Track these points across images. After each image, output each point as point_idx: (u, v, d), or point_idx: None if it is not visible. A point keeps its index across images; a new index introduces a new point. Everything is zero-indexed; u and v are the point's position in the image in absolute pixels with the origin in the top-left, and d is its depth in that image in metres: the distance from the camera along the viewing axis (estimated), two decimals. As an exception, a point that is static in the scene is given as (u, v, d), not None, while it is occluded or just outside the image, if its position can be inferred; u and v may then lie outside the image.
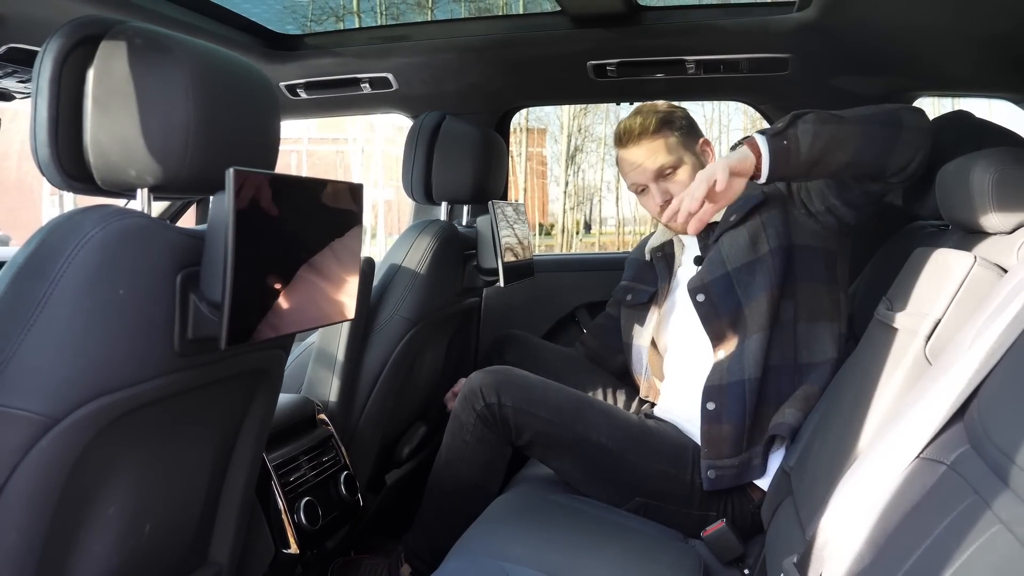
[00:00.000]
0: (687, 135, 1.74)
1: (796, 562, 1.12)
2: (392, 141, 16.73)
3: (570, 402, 1.63)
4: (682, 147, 1.73)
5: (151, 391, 0.91)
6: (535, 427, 1.59)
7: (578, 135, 16.68)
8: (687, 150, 1.74)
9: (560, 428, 1.58)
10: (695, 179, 1.31)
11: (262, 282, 0.92)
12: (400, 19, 2.40)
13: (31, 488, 0.82)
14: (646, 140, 1.71)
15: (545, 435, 1.59)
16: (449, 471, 1.64)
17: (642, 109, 1.75)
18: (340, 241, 1.06)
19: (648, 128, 1.70)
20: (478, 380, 1.62)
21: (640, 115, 1.73)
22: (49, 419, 0.81)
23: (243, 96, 0.98)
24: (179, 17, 1.69)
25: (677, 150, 1.72)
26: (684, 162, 1.72)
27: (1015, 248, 1.10)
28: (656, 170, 1.71)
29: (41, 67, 0.88)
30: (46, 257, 0.82)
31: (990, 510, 0.76)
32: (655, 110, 1.74)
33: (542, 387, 1.64)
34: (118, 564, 0.99)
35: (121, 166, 0.89)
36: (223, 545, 1.24)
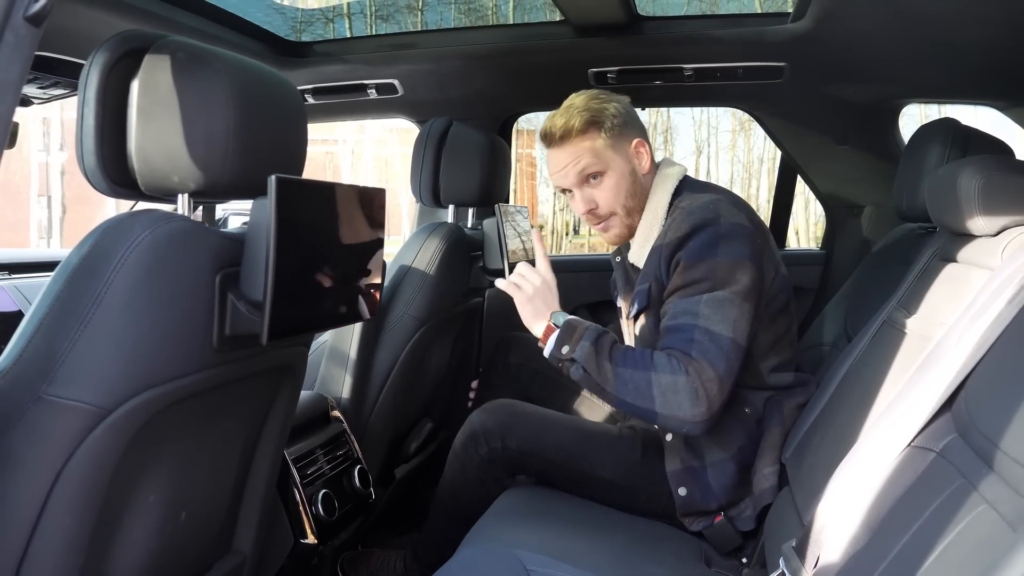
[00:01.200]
0: (619, 136, 1.57)
1: (795, 546, 1.18)
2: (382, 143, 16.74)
3: (573, 438, 1.60)
4: (611, 150, 1.56)
5: (192, 385, 0.97)
6: (539, 466, 1.60)
7: (568, 136, 16.70)
8: (616, 153, 1.57)
9: (564, 467, 1.58)
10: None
11: (298, 282, 0.98)
12: (389, 19, 2.45)
13: (84, 475, 0.87)
14: (570, 142, 1.56)
15: (549, 473, 1.61)
16: (452, 500, 1.65)
17: (572, 104, 1.58)
18: (366, 243, 1.12)
19: (572, 129, 1.55)
20: (481, 423, 1.60)
21: (566, 113, 1.56)
22: (102, 410, 0.87)
23: (276, 105, 1.04)
24: (196, 26, 1.74)
25: (604, 155, 1.56)
26: (611, 168, 1.57)
27: (999, 249, 1.17)
28: (579, 175, 1.58)
29: (88, 79, 0.94)
30: (99, 258, 0.87)
31: (976, 492, 0.82)
32: (583, 107, 1.56)
33: (545, 425, 1.61)
34: (156, 549, 1.05)
35: (165, 172, 0.95)
36: (247, 535, 1.29)
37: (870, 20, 1.57)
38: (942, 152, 1.56)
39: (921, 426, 1.04)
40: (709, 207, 1.47)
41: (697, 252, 1.44)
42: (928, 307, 1.29)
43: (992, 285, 1.09)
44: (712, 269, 1.42)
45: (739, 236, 1.45)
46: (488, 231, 2.01)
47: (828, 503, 1.13)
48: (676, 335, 1.41)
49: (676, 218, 1.51)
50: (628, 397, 1.39)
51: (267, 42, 2.05)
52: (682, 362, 1.37)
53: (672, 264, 1.48)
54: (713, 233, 1.45)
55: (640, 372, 1.38)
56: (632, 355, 1.42)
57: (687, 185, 1.62)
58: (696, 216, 1.47)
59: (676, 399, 1.35)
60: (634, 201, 1.61)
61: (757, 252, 1.46)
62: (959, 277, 1.26)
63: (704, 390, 1.35)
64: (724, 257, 1.43)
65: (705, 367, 1.36)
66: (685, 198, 1.56)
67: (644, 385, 1.37)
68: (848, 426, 1.26)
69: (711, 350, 1.37)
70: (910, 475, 1.00)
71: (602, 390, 1.41)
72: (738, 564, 1.51)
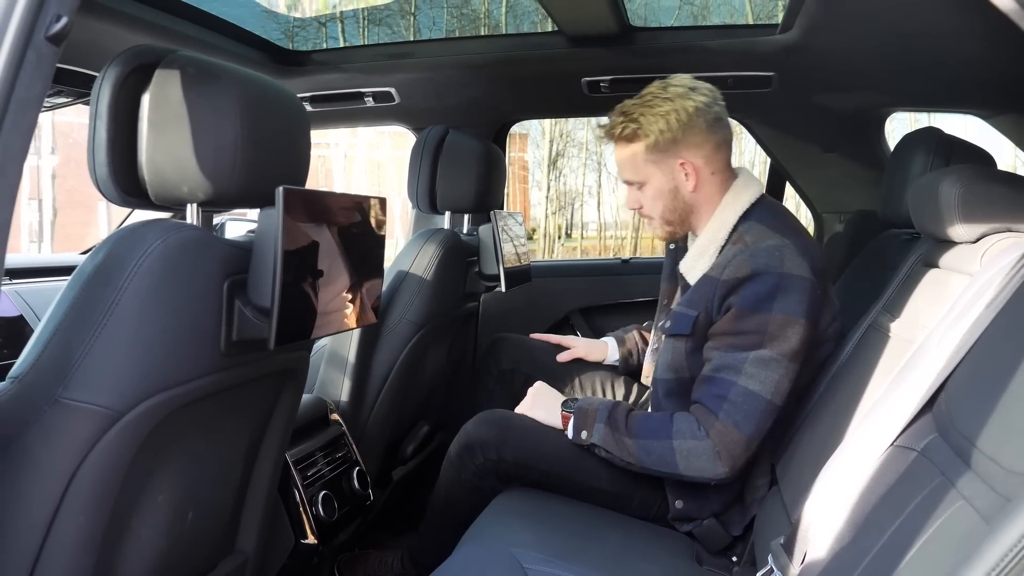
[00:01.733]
0: (662, 152, 1.54)
1: (783, 543, 1.22)
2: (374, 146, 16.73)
3: (568, 451, 1.59)
4: (651, 165, 1.55)
5: (200, 388, 1.00)
6: (534, 478, 1.62)
7: (560, 140, 16.74)
8: (658, 168, 1.55)
9: (560, 478, 1.60)
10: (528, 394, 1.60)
11: (304, 289, 1.01)
12: (382, 23, 2.48)
13: (98, 476, 0.91)
14: (617, 145, 1.59)
15: (545, 484, 1.62)
16: (447, 506, 1.67)
17: (624, 108, 1.57)
18: (369, 251, 1.15)
19: (617, 134, 1.57)
20: (476, 434, 1.61)
21: (619, 116, 1.57)
22: (115, 413, 0.90)
23: (281, 117, 1.07)
24: (198, 36, 1.77)
25: (642, 169, 1.56)
26: (648, 182, 1.57)
27: (979, 256, 1.21)
28: (624, 177, 1.62)
29: (100, 92, 0.97)
30: (114, 266, 0.90)
31: (954, 488, 0.86)
32: (635, 115, 1.54)
33: (541, 437, 1.61)
34: (164, 548, 1.08)
35: (175, 183, 0.98)
36: (249, 535, 1.32)
37: (855, 32, 1.62)
38: (926, 161, 1.60)
39: (903, 426, 1.08)
40: (774, 253, 1.43)
41: (752, 302, 1.42)
42: (911, 311, 1.33)
43: (971, 290, 1.13)
44: (764, 323, 1.41)
45: (798, 290, 1.42)
46: (484, 237, 2.05)
47: (814, 501, 1.16)
48: (711, 389, 1.44)
49: (737, 255, 1.46)
50: (652, 465, 1.46)
51: (266, 51, 2.08)
52: (704, 425, 1.42)
53: (724, 305, 1.46)
54: (772, 284, 1.42)
55: (660, 441, 1.45)
56: (650, 424, 1.48)
57: (759, 210, 1.55)
58: (758, 261, 1.43)
59: (698, 463, 1.42)
60: (674, 215, 1.59)
61: (814, 307, 1.44)
62: (941, 282, 1.30)
63: (727, 452, 1.41)
64: (778, 312, 1.41)
65: (730, 430, 1.40)
66: (752, 230, 1.50)
67: (666, 453, 1.44)
68: (834, 426, 1.30)
69: (742, 412, 1.40)
70: (893, 473, 1.04)
71: (628, 463, 1.48)
72: (728, 562, 1.54)
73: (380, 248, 1.19)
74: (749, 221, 1.52)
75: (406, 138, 2.13)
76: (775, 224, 1.50)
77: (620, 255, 13.18)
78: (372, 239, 1.17)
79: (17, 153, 0.74)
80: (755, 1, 4.30)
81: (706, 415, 1.43)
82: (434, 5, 2.45)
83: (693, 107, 1.52)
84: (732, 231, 1.53)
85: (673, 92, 1.54)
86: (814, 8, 1.54)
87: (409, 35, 2.70)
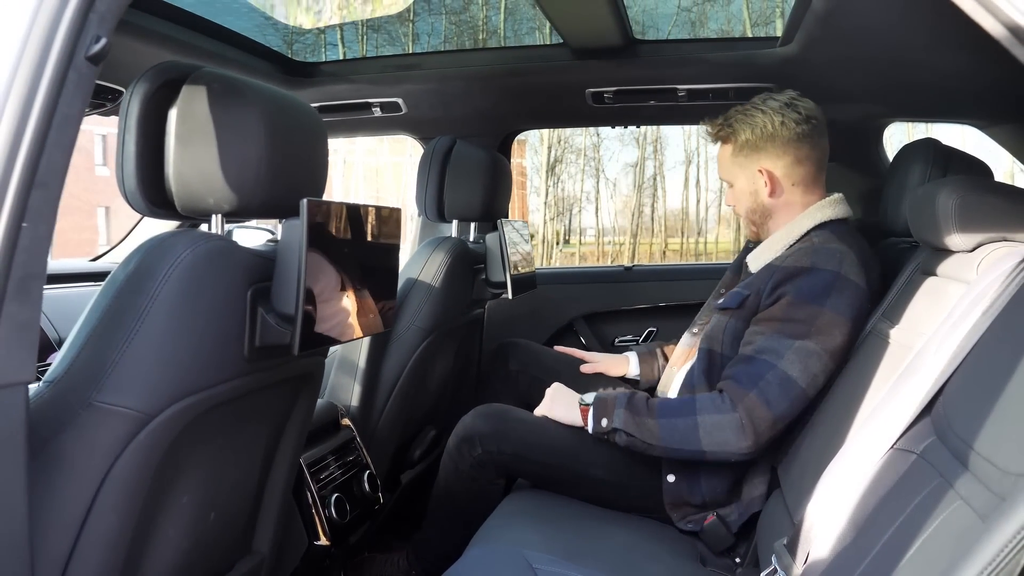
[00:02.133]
0: (746, 156, 1.68)
1: (786, 544, 1.25)
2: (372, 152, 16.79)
3: (564, 441, 1.65)
4: (736, 167, 1.70)
5: (225, 392, 1.04)
6: (533, 470, 1.67)
7: (558, 146, 16.82)
8: (742, 171, 1.69)
9: (558, 469, 1.66)
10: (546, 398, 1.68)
11: (326, 296, 1.05)
12: (380, 30, 2.51)
13: (128, 476, 0.94)
14: (721, 146, 1.73)
15: (544, 476, 1.68)
16: (447, 498, 1.72)
17: (728, 112, 1.71)
18: (384, 260, 1.19)
19: (714, 134, 1.72)
20: (474, 427, 1.67)
21: (722, 119, 1.71)
22: (146, 416, 0.93)
23: (302, 131, 1.11)
24: (212, 49, 1.81)
25: (730, 169, 1.71)
26: (735, 182, 1.72)
27: (975, 264, 1.24)
28: (719, 174, 1.76)
29: (129, 107, 1.01)
30: (145, 275, 0.94)
31: (952, 489, 0.89)
32: (731, 120, 1.69)
33: (538, 429, 1.67)
34: (187, 548, 1.11)
35: (201, 195, 1.02)
36: (265, 536, 1.36)
37: (853, 45, 1.66)
38: (924, 171, 1.64)
39: (903, 430, 1.12)
40: (836, 255, 1.52)
41: (807, 294, 1.49)
42: (910, 318, 1.37)
43: (968, 298, 1.17)
44: (815, 316, 1.47)
45: (851, 293, 1.49)
46: (491, 245, 2.08)
47: (817, 503, 1.20)
48: (748, 368, 1.49)
49: (802, 248, 1.57)
50: (675, 443, 1.49)
51: (277, 63, 2.13)
52: (733, 398, 1.46)
53: (777, 291, 1.53)
54: (829, 280, 1.49)
55: (684, 418, 1.49)
56: (672, 404, 1.53)
57: (836, 224, 1.63)
58: (820, 256, 1.52)
59: (722, 436, 1.46)
60: (755, 216, 1.71)
61: (861, 314, 1.50)
62: (938, 290, 1.34)
63: (752, 426, 1.45)
64: (830, 309, 1.48)
65: (760, 405, 1.45)
66: (822, 234, 1.59)
67: (689, 429, 1.48)
68: (836, 430, 1.34)
69: (777, 392, 1.45)
70: (893, 475, 1.07)
71: (650, 445, 1.51)
72: (732, 563, 1.57)
73: (395, 256, 1.23)
74: (823, 229, 1.61)
75: (404, 144, 2.18)
76: (844, 236, 1.58)
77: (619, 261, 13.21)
78: (388, 248, 1.21)
79: (59, 167, 0.78)
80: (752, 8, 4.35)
81: (736, 389, 1.47)
82: (432, 12, 2.49)
83: (779, 121, 1.63)
84: (805, 233, 1.62)
85: (769, 106, 1.65)
86: (813, 24, 1.58)
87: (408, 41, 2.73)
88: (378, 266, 1.19)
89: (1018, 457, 0.82)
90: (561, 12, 1.78)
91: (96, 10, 0.78)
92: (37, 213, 0.75)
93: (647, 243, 16.69)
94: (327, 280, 1.05)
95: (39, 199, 0.75)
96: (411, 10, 2.47)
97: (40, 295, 0.78)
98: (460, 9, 2.62)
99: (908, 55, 1.65)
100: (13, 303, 0.74)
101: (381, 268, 1.20)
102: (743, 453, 1.46)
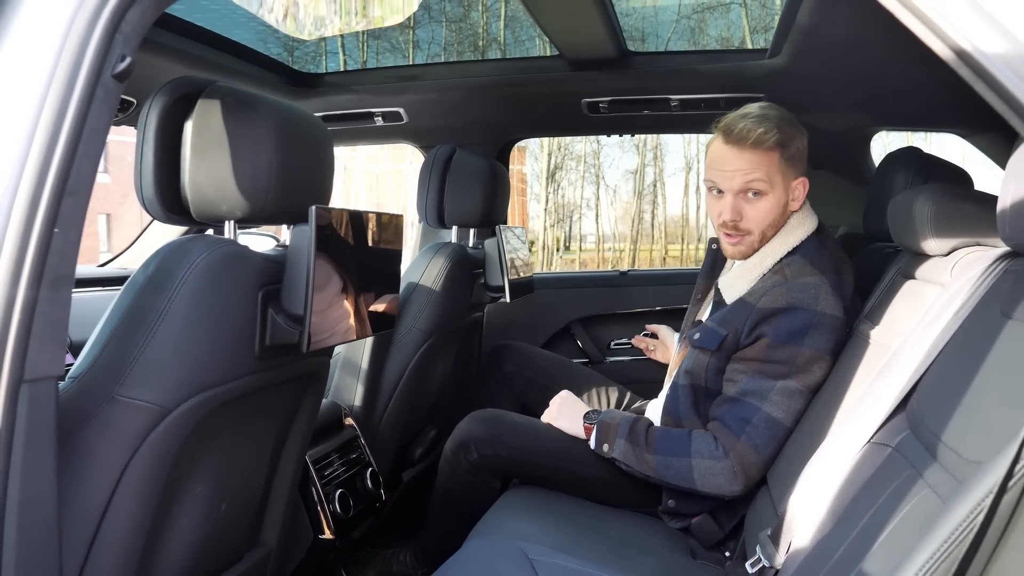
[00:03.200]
0: (791, 166, 1.58)
1: (770, 535, 1.31)
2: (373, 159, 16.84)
3: (558, 443, 1.71)
4: (780, 176, 1.57)
5: (237, 388, 1.10)
6: (527, 471, 1.73)
7: (558, 153, 16.88)
8: (784, 180, 1.58)
9: (552, 469, 1.71)
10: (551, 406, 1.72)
11: (333, 297, 1.11)
12: (381, 37, 2.57)
13: (147, 466, 1.00)
14: (755, 152, 1.55)
15: (538, 476, 1.73)
16: (447, 500, 1.78)
17: (767, 116, 1.56)
18: (387, 262, 1.26)
19: (765, 141, 1.54)
20: (469, 432, 1.72)
21: (764, 123, 1.54)
22: (164, 410, 0.99)
23: (309, 142, 1.18)
24: (221, 61, 1.88)
25: (774, 178, 1.56)
26: (772, 192, 1.57)
27: (950, 268, 1.30)
28: (744, 184, 1.57)
29: (147, 120, 1.07)
30: (163, 277, 1.00)
31: (922, 479, 0.95)
32: (782, 124, 1.56)
33: (531, 432, 1.73)
34: (200, 537, 1.17)
35: (215, 202, 1.08)
36: (273, 529, 1.42)
37: (837, 58, 1.72)
38: (906, 179, 1.70)
39: (879, 424, 1.17)
40: (810, 290, 1.51)
41: (785, 335, 1.50)
42: (889, 319, 1.43)
43: (942, 299, 1.22)
44: (794, 356, 1.50)
45: (828, 328, 1.50)
46: (489, 251, 2.15)
47: (799, 495, 1.26)
48: (735, 411, 1.53)
49: (776, 287, 1.53)
50: (671, 480, 1.56)
51: (283, 74, 2.19)
52: (724, 445, 1.52)
53: (756, 332, 1.53)
54: (806, 320, 1.49)
55: (679, 458, 1.54)
56: (670, 440, 1.57)
57: (807, 245, 1.61)
58: (795, 296, 1.51)
59: (715, 480, 1.52)
60: (773, 231, 1.62)
61: (839, 344, 1.53)
62: (916, 292, 1.40)
63: (743, 470, 1.51)
64: (808, 348, 1.50)
65: (749, 451, 1.50)
66: (794, 263, 1.57)
67: (685, 469, 1.54)
68: (818, 426, 1.40)
69: (764, 436, 1.50)
70: (869, 468, 1.13)
71: (647, 476, 1.58)
72: (721, 557, 1.62)
73: (398, 260, 1.29)
74: (795, 255, 1.59)
75: (404, 151, 2.24)
76: (817, 261, 1.56)
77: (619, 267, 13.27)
78: (390, 252, 1.27)
79: (88, 177, 0.84)
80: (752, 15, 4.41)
81: (727, 435, 1.52)
82: (433, 20, 2.55)
83: (804, 135, 1.61)
84: (778, 261, 1.60)
85: (790, 115, 1.60)
86: (799, 37, 1.65)
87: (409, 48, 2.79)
88: (381, 269, 1.25)
89: (977, 446, 0.88)
90: (556, 26, 1.85)
91: (122, 31, 0.85)
92: (68, 219, 0.82)
93: (647, 249, 16.73)
94: (334, 282, 1.11)
95: (70, 206, 0.82)
96: (412, 18, 2.52)
97: (70, 296, 0.84)
98: (460, 17, 2.68)
99: (890, 68, 1.71)
100: (46, 303, 0.80)
101: (384, 271, 1.26)
102: (735, 493, 1.53)
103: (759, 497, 1.53)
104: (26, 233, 0.79)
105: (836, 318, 1.52)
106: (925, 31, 0.72)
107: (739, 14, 4.75)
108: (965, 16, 0.68)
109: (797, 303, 1.51)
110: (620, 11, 1.88)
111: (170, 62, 1.73)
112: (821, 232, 1.64)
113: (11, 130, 0.80)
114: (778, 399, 1.50)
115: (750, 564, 1.33)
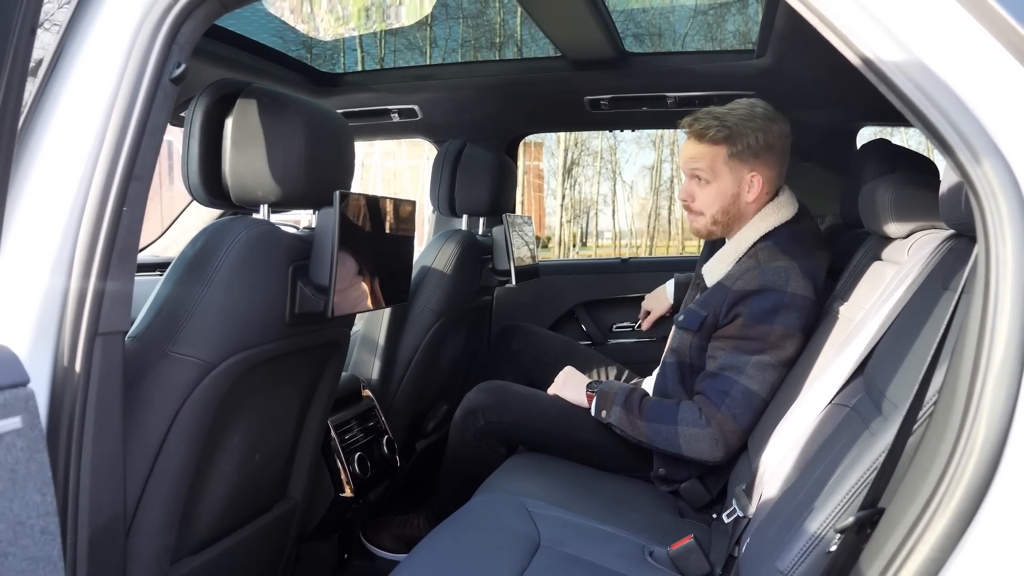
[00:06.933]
0: (742, 160, 1.72)
1: (744, 488, 1.46)
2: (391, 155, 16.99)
3: (558, 410, 1.86)
4: (726, 167, 1.72)
5: (270, 350, 1.26)
6: (531, 437, 1.88)
7: (575, 149, 16.94)
8: (731, 172, 1.72)
9: (552, 435, 1.87)
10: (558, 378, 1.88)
11: (353, 271, 1.27)
12: (398, 34, 2.69)
13: (195, 413, 1.16)
14: (700, 143, 1.73)
15: (541, 442, 1.88)
16: (456, 464, 1.93)
17: (732, 111, 1.72)
18: (402, 241, 1.42)
19: (706, 136, 1.71)
20: (477, 400, 1.87)
21: (717, 120, 1.71)
22: (209, 365, 1.16)
23: (334, 136, 1.33)
24: (249, 62, 2.05)
25: (718, 169, 1.73)
26: (716, 181, 1.74)
27: (907, 249, 1.44)
28: (691, 171, 1.76)
29: (193, 117, 1.23)
30: (210, 251, 1.17)
31: (867, 430, 1.09)
32: (732, 123, 1.70)
33: (535, 400, 1.89)
34: (238, 482, 1.34)
35: (251, 188, 1.24)
36: (299, 483, 1.58)
37: (818, 58, 1.85)
38: (876, 169, 1.81)
39: (839, 388, 1.32)
40: (781, 274, 1.64)
41: (758, 314, 1.63)
42: (856, 296, 1.56)
43: (899, 276, 1.36)
44: (767, 333, 1.63)
45: (799, 308, 1.63)
46: (497, 237, 2.30)
47: (769, 453, 1.40)
48: (715, 384, 1.66)
49: (750, 270, 1.67)
50: (659, 444, 1.70)
51: (306, 73, 2.36)
52: (707, 415, 1.65)
53: (732, 312, 1.67)
54: (777, 300, 1.62)
55: (667, 425, 1.68)
56: (660, 409, 1.71)
57: (780, 232, 1.73)
58: (767, 278, 1.64)
59: (698, 446, 1.66)
60: (724, 218, 1.77)
61: (811, 322, 1.65)
62: (879, 271, 1.53)
63: (724, 439, 1.64)
64: (780, 326, 1.62)
65: (729, 420, 1.64)
66: (767, 249, 1.69)
67: (671, 435, 1.68)
68: (790, 392, 1.54)
69: (742, 406, 1.64)
70: (830, 426, 1.27)
71: (638, 441, 1.73)
72: (709, 518, 1.75)
73: (411, 240, 1.45)
74: (767, 241, 1.72)
75: (422, 148, 2.39)
76: (787, 247, 1.69)
77: (632, 262, 13.22)
78: (405, 233, 1.43)
79: (150, 165, 1.01)
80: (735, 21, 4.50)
81: (709, 406, 1.66)
82: (450, 17, 2.68)
83: (780, 132, 1.74)
84: (751, 246, 1.74)
85: (761, 113, 1.73)
86: (780, 37, 1.79)
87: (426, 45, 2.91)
88: (396, 248, 1.41)
89: (899, 389, 1.03)
90: (555, 29, 2.00)
91: (178, 42, 1.01)
92: (134, 200, 0.98)
93: (664, 245, 16.75)
94: (354, 258, 1.27)
95: (136, 189, 0.98)
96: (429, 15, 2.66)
97: (135, 264, 1.01)
98: (477, 13, 2.80)
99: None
100: (116, 269, 0.97)
101: (399, 250, 1.42)
102: (717, 460, 1.67)
103: (741, 460, 1.67)
104: (100, 212, 0.95)
105: (806, 298, 1.64)
106: (838, 41, 0.86)
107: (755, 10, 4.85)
108: (866, 28, 0.83)
109: (769, 285, 1.64)
110: (624, 11, 2.01)
111: (205, 63, 1.90)
112: (799, 220, 1.77)
113: (88, 126, 0.96)
114: (754, 372, 1.64)
115: (727, 515, 1.48)
